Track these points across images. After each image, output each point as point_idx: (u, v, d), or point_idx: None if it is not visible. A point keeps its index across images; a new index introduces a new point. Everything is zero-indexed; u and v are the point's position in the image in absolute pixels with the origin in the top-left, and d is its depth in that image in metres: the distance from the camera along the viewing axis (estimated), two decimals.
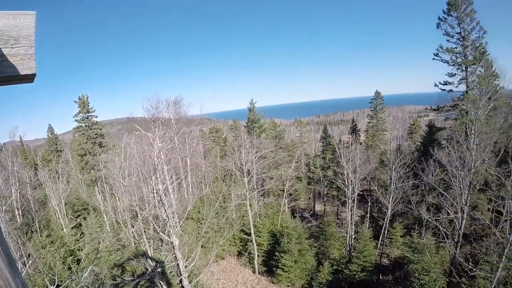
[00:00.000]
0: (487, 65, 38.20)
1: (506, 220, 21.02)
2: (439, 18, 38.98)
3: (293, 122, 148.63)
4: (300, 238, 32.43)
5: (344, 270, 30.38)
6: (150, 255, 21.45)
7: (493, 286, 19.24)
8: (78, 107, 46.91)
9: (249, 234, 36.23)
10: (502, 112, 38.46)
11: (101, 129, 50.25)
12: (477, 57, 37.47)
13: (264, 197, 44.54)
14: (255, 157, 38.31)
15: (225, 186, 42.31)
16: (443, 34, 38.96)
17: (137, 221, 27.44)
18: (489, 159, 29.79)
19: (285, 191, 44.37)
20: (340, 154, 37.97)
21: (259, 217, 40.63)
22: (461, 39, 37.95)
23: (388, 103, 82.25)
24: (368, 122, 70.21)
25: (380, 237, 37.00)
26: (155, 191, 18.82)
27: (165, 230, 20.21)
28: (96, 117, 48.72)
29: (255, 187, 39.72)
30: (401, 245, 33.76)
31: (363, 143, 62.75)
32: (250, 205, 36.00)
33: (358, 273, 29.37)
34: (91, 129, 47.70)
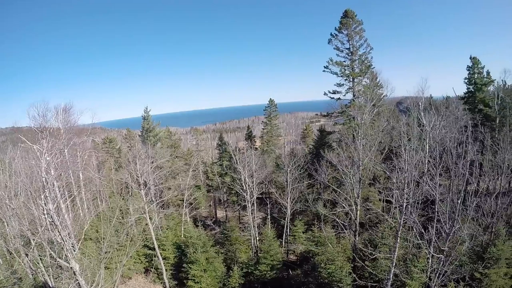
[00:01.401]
0: (372, 76, 45.78)
1: (395, 207, 25.49)
2: (331, 35, 45.19)
3: (189, 130, 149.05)
4: (206, 246, 33.54)
5: (254, 272, 32.65)
6: (51, 285, 20.17)
7: (393, 264, 23.03)
8: None
9: (153, 249, 35.92)
10: (385, 116, 45.89)
11: None
12: (363, 70, 44.59)
13: (164, 209, 44.70)
14: (151, 167, 38.19)
15: (122, 200, 41.09)
16: (334, 49, 45.28)
17: (31, 248, 25.45)
18: (375, 157, 35.62)
19: (185, 200, 45.16)
20: (236, 160, 39.96)
21: (161, 229, 40.68)
22: (350, 54, 44.47)
23: (282, 110, 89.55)
24: (263, 129, 75.53)
25: (284, 236, 40.40)
26: (45, 211, 17.58)
27: (62, 255, 19.17)
28: None
29: (153, 199, 39.64)
30: (305, 240, 37.73)
31: (258, 148, 67.12)
32: (150, 218, 35.71)
33: (268, 272, 31.97)
34: None
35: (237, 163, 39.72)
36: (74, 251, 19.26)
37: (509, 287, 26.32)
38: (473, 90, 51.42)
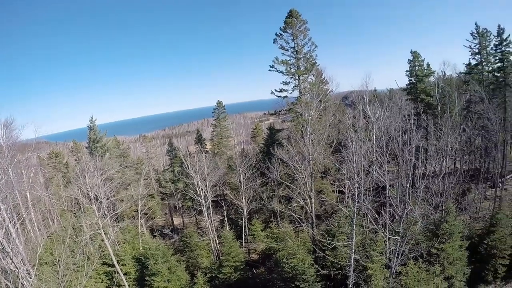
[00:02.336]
0: (317, 73, 48.38)
1: (348, 197, 27.77)
2: (276, 34, 46.94)
3: (138, 137, 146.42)
4: (166, 256, 33.57)
5: (218, 276, 33.50)
6: None
7: (353, 250, 24.84)
8: None
9: (112, 265, 35.11)
10: (331, 111, 48.66)
11: None
12: (308, 68, 46.83)
13: (118, 222, 43.92)
14: (101, 180, 37.68)
15: (74, 217, 40.21)
16: (279, 48, 47.14)
17: None
18: (324, 151, 37.98)
19: (139, 211, 44.81)
20: (188, 165, 40.23)
21: (119, 244, 40.12)
22: (295, 53, 46.54)
23: (230, 111, 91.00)
24: (213, 131, 76.41)
25: (243, 236, 41.58)
26: None
27: (18, 284, 18.77)
28: None
29: (106, 213, 38.67)
30: (264, 238, 39.30)
31: (209, 151, 68.25)
32: (105, 233, 34.99)
33: (232, 274, 32.97)
34: None
35: (188, 168, 39.95)
36: (30, 278, 18.85)
37: (465, 258, 29.66)
38: (414, 81, 56.52)
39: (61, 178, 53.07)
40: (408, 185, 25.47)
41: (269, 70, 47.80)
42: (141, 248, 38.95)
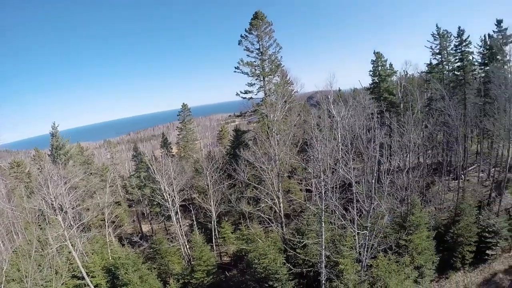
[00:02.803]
0: (282, 74, 49.68)
1: (315, 195, 28.76)
2: (241, 36, 47.70)
3: (102, 143, 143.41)
4: (137, 264, 33.14)
5: (191, 281, 33.65)
6: None
7: (323, 247, 25.53)
8: None
9: (82, 278, 34.20)
10: (296, 111, 49.89)
11: None
12: (273, 69, 47.90)
13: (85, 232, 43.16)
14: (65, 189, 37.05)
15: (39, 230, 39.12)
16: (244, 50, 47.89)
17: None
18: (290, 150, 39.06)
19: (107, 220, 43.96)
20: (154, 170, 40.12)
21: (87, 255, 39.34)
22: (260, 54, 47.48)
23: (196, 114, 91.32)
24: (178, 134, 76.91)
25: (213, 239, 41.90)
26: None
27: None
28: None
29: (72, 223, 38.17)
30: (235, 240, 39.89)
31: (175, 155, 68.23)
32: (72, 245, 34.34)
33: (205, 278, 33.19)
34: None
35: (154, 172, 39.85)
36: None
37: (433, 247, 31.67)
38: (377, 81, 59.27)
39: (24, 189, 51.47)
40: (373, 181, 26.29)
41: (234, 71, 48.51)
42: (110, 258, 38.16)
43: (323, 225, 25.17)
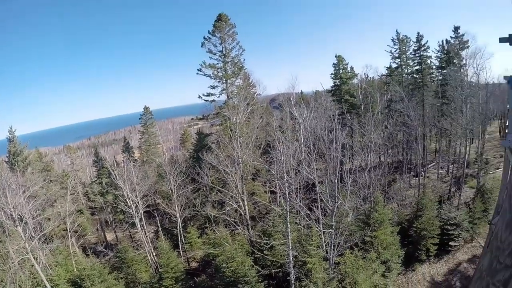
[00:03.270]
0: (245, 77, 50.40)
1: (280, 196, 29.71)
2: (204, 38, 47.80)
3: (62, 148, 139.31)
4: (103, 275, 32.78)
5: None
6: None
7: (290, 247, 26.09)
8: None
9: None
10: (259, 114, 50.81)
11: None
12: (236, 71, 48.48)
13: (48, 244, 42.18)
14: (24, 197, 36.18)
15: None
16: (207, 52, 48.02)
17: None
18: (253, 153, 39.91)
19: (69, 229, 43.01)
20: (116, 175, 39.34)
21: (51, 268, 37.84)
22: (223, 56, 47.85)
23: (158, 117, 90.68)
24: (140, 138, 76.51)
25: (180, 245, 41.76)
26: None
27: None
28: None
29: (33, 234, 36.75)
30: (202, 244, 40.02)
31: (138, 159, 67.66)
32: (35, 258, 33.42)
33: (174, 285, 32.78)
34: None
35: (116, 178, 39.14)
36: None
37: (398, 242, 33.37)
38: (339, 83, 61.29)
39: None
40: (336, 181, 27.16)
41: (197, 73, 48.43)
42: (75, 270, 37.36)
43: (288, 225, 25.70)
